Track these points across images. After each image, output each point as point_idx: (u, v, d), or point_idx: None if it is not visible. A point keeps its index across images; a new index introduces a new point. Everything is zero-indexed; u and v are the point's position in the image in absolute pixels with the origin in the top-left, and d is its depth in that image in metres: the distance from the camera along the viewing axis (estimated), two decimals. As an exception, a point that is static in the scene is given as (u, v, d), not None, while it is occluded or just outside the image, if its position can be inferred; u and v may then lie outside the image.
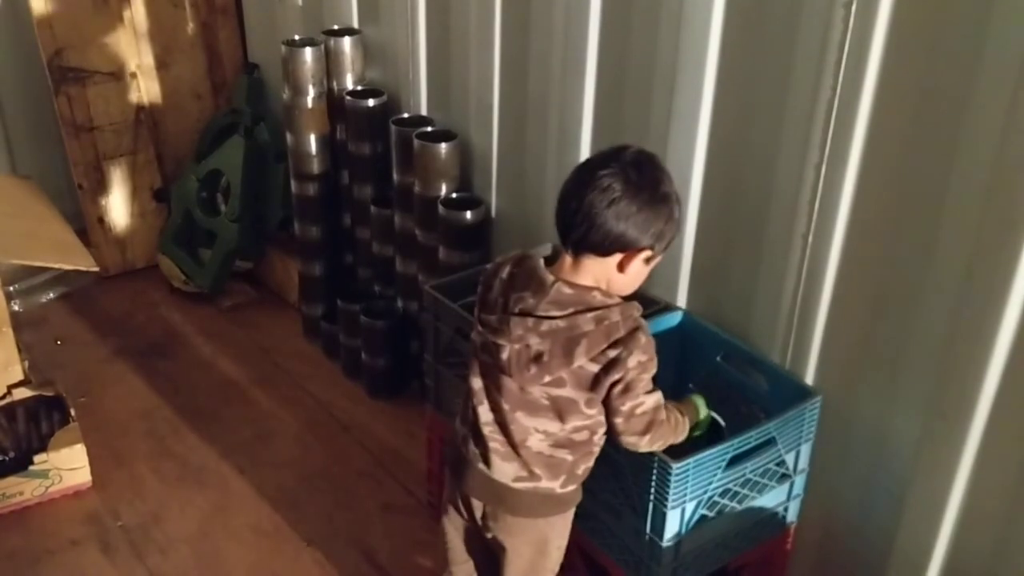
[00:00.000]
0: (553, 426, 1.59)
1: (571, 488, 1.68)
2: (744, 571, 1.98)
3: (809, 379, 1.93)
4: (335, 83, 2.90)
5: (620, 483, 1.79)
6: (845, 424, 1.89)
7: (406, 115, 2.76)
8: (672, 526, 1.73)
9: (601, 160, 1.53)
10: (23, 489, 2.52)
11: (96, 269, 3.11)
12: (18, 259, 2.72)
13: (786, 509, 1.94)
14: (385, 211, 2.82)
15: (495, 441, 1.64)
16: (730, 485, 1.77)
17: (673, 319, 2.10)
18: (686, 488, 1.70)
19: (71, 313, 3.43)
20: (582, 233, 1.51)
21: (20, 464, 2.52)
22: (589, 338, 1.51)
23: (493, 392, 1.62)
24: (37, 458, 2.52)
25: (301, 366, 3.15)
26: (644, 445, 1.60)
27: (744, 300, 2.01)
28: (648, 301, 2.15)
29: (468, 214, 2.54)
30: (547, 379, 1.55)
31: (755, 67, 1.84)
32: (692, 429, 1.72)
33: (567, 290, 1.53)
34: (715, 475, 1.73)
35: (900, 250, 1.70)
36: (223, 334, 3.32)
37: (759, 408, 1.93)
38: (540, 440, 1.61)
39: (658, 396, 1.58)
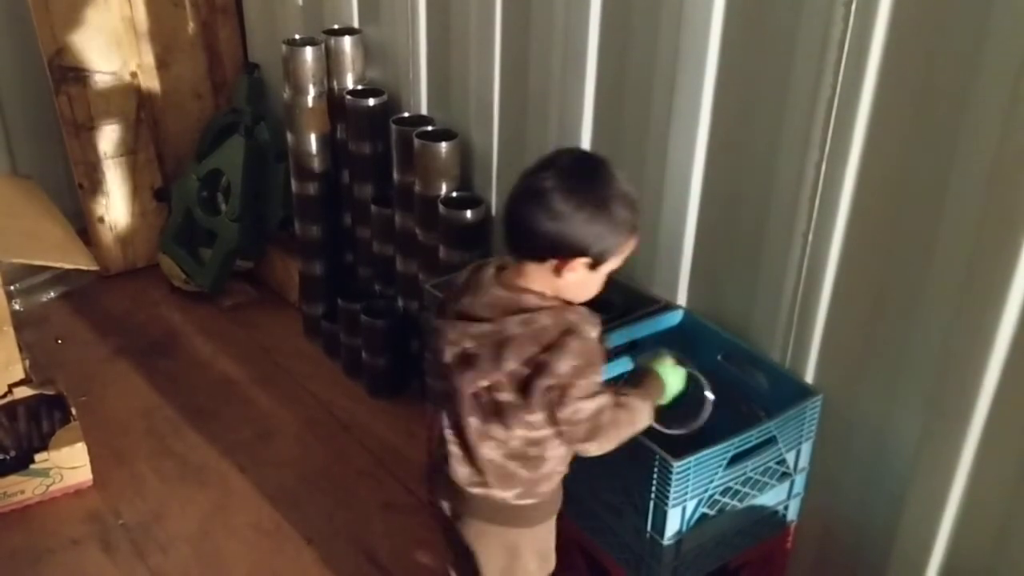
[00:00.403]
0: (500, 433, 1.57)
1: (530, 502, 1.65)
2: (744, 569, 1.98)
3: (809, 378, 1.94)
4: (335, 82, 2.90)
5: (620, 481, 1.79)
6: (845, 422, 1.90)
7: (406, 114, 2.76)
8: (673, 524, 1.73)
9: (539, 164, 1.51)
10: (24, 488, 2.52)
11: (96, 268, 3.11)
12: (19, 258, 2.72)
13: (786, 507, 1.94)
14: (385, 210, 2.82)
15: (453, 444, 1.64)
16: (731, 483, 1.78)
17: (674, 318, 2.10)
18: (687, 486, 1.70)
19: (72, 312, 3.43)
20: (516, 237, 1.51)
21: (21, 463, 2.52)
22: (516, 341, 1.48)
23: (451, 397, 1.62)
24: (38, 457, 2.52)
25: (301, 365, 3.15)
26: (595, 450, 1.58)
27: (744, 299, 2.01)
28: (648, 300, 2.16)
29: (468, 213, 2.54)
30: (483, 382, 1.53)
31: (755, 66, 1.84)
32: (671, 400, 1.72)
33: (501, 292, 1.52)
34: (716, 473, 1.73)
35: (900, 249, 1.71)
36: (223, 333, 3.32)
37: (759, 407, 1.93)
38: (492, 448, 1.59)
39: (600, 400, 1.52)
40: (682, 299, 2.17)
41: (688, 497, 1.72)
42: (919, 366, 1.72)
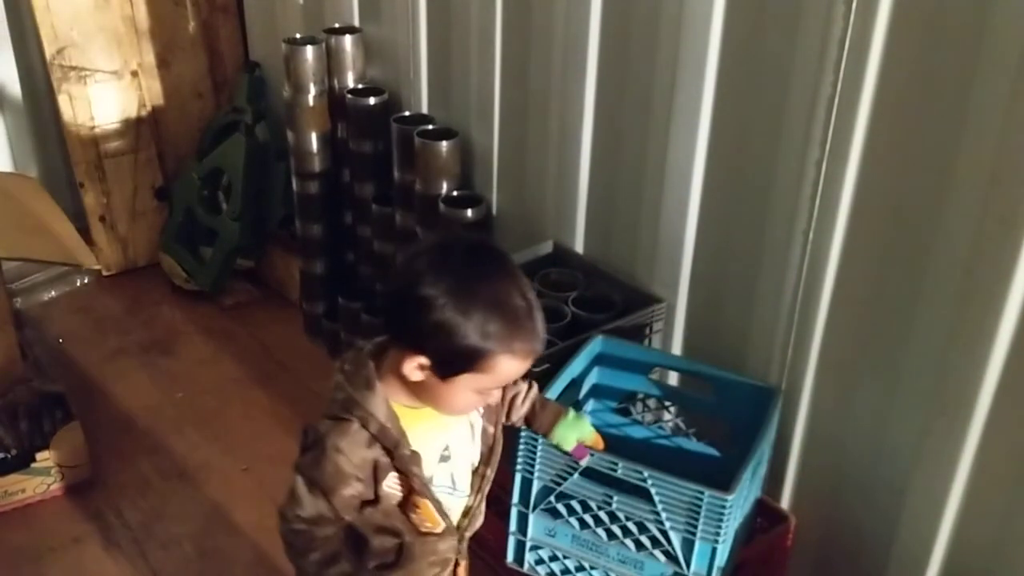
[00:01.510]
0: None
1: None
2: (743, 568, 1.98)
3: (809, 376, 1.94)
4: (336, 81, 2.90)
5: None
6: (845, 421, 1.90)
7: (407, 113, 2.76)
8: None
9: (433, 243, 1.47)
10: (25, 487, 2.52)
11: (97, 267, 3.12)
12: (20, 256, 2.73)
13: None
14: (386, 209, 2.82)
15: None
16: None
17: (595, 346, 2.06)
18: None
19: (73, 311, 3.43)
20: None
21: (22, 462, 2.52)
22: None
23: None
24: (39, 456, 2.52)
25: (303, 364, 3.15)
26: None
27: (745, 297, 2.01)
28: (648, 298, 2.16)
29: (469, 212, 2.54)
30: None
31: (756, 64, 1.84)
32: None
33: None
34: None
35: (901, 246, 1.71)
36: (225, 332, 3.32)
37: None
38: None
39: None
40: (682, 298, 2.17)
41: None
42: (919, 364, 1.73)
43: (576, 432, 1.66)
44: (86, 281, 3.57)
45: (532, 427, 1.69)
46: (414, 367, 1.31)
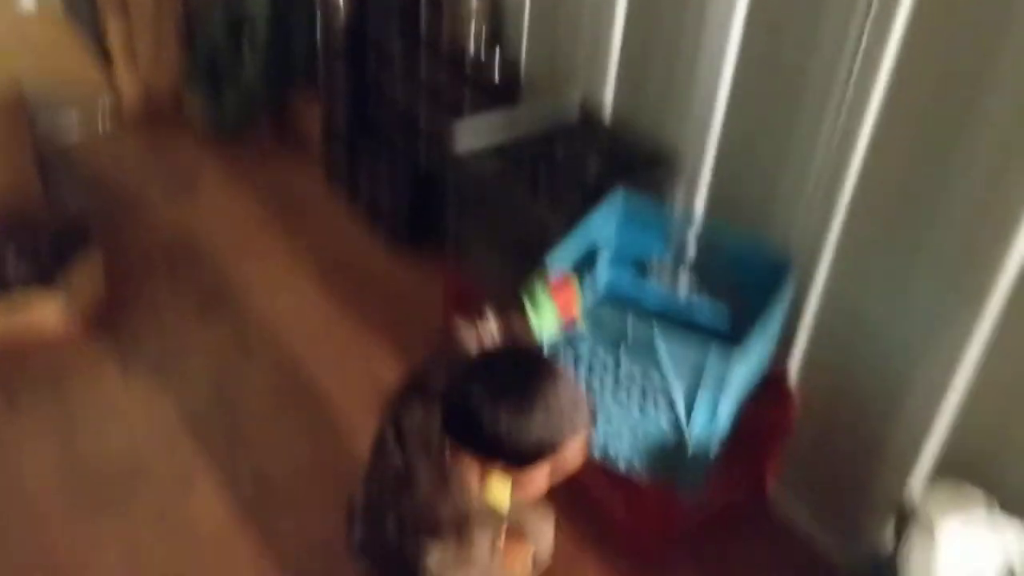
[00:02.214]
0: None
1: None
2: (746, 434, 2.01)
3: (830, 247, 1.92)
4: (367, -77, 2.81)
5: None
6: (861, 294, 1.89)
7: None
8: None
9: (470, 371, 1.41)
10: (46, 311, 2.57)
11: (110, 89, 3.09)
12: (41, 83, 2.71)
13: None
14: (411, 60, 2.77)
15: None
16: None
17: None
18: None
19: (97, 152, 3.42)
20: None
21: (43, 284, 2.56)
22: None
23: None
24: (60, 282, 2.56)
25: (322, 211, 3.16)
26: None
27: (775, 160, 1.98)
28: (675, 160, 2.14)
29: (496, 64, 2.49)
30: None
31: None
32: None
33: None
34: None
35: (938, 121, 1.66)
36: (245, 176, 3.32)
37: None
38: None
39: None
40: (709, 161, 2.14)
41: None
42: (943, 242, 1.71)
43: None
44: (110, 123, 3.55)
45: None
46: (495, 471, 1.40)
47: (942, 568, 1.50)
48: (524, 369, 1.39)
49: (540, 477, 1.41)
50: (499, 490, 1.46)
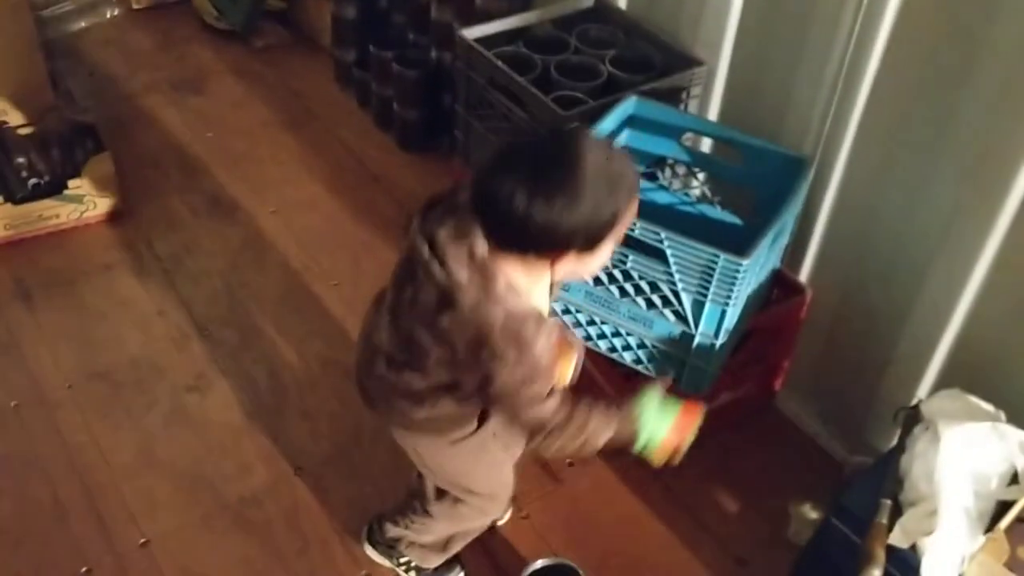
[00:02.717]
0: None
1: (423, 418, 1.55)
2: (756, 335, 2.02)
3: (845, 148, 1.88)
4: None
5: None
6: (876, 196, 1.87)
7: None
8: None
9: (500, 159, 1.34)
10: (59, 212, 2.58)
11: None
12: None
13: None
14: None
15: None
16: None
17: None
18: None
19: (103, 44, 3.38)
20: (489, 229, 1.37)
21: (55, 188, 2.56)
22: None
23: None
24: (71, 183, 2.56)
25: (332, 112, 3.12)
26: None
27: (790, 61, 1.93)
28: (690, 60, 2.09)
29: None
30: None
31: None
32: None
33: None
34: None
35: (956, 18, 1.61)
36: (255, 74, 3.27)
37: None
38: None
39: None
40: (724, 63, 2.09)
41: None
42: (960, 141, 1.67)
43: None
44: (116, 13, 3.50)
45: None
46: (568, 263, 1.34)
47: (944, 468, 1.51)
48: (559, 148, 1.29)
49: (606, 253, 1.37)
50: (541, 290, 1.41)
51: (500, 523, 1.98)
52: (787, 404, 2.23)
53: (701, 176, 2.11)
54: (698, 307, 1.73)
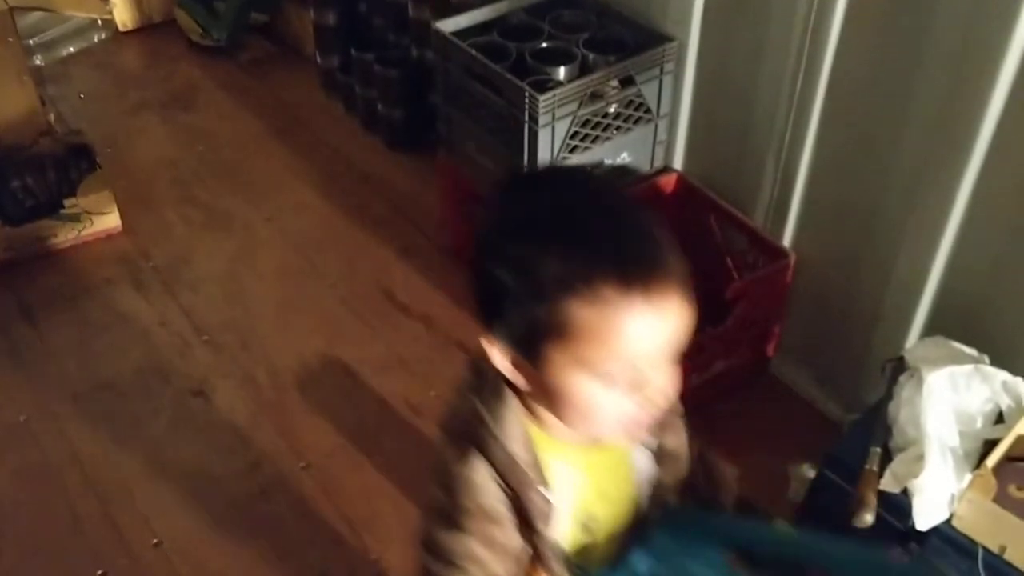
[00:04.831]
0: None
1: None
2: (744, 300, 2.05)
3: (817, 105, 1.91)
4: None
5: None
6: (850, 155, 1.90)
7: None
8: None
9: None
10: (57, 232, 2.62)
11: (110, 15, 3.08)
12: (34, 5, 2.71)
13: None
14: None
15: None
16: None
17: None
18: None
19: (92, 68, 3.43)
20: None
21: (51, 208, 2.61)
22: None
23: None
24: (67, 202, 2.61)
25: (320, 119, 3.17)
26: None
27: (757, 30, 1.96)
28: (660, 37, 2.13)
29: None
30: None
31: None
32: None
33: None
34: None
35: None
36: (242, 88, 3.32)
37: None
38: None
39: None
40: (694, 37, 2.12)
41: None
42: (927, 91, 1.70)
43: None
44: (103, 37, 3.55)
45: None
46: (495, 356, 0.90)
47: (929, 410, 1.54)
48: (535, 181, 0.98)
49: (576, 386, 0.85)
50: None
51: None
52: (781, 369, 2.26)
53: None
54: None
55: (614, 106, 2.13)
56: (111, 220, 2.69)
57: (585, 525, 1.01)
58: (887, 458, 1.58)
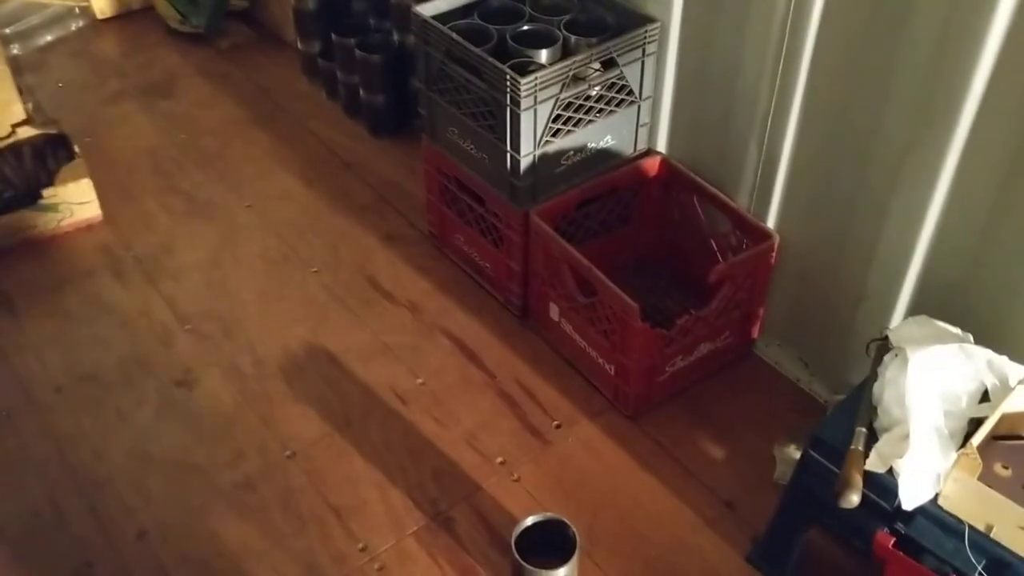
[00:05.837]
0: None
1: None
2: (728, 283, 2.05)
3: (799, 91, 1.91)
4: None
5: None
6: (832, 136, 1.89)
7: None
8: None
9: None
10: (36, 223, 2.60)
11: (87, 2, 3.04)
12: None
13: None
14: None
15: None
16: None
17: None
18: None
19: (70, 56, 3.40)
20: None
21: (30, 199, 2.58)
22: None
23: None
24: (46, 192, 2.58)
25: (301, 105, 3.14)
26: None
27: (738, 11, 1.95)
28: (643, 18, 2.12)
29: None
30: None
31: None
32: None
33: None
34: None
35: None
36: (222, 74, 3.29)
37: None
38: None
39: None
40: (676, 17, 2.11)
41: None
42: (908, 76, 1.70)
43: None
44: (81, 25, 3.51)
45: None
46: None
47: (913, 390, 1.54)
48: None
49: None
50: None
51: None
52: (767, 350, 2.26)
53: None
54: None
55: (596, 89, 2.12)
56: (91, 210, 2.67)
57: None
58: (872, 438, 1.58)
